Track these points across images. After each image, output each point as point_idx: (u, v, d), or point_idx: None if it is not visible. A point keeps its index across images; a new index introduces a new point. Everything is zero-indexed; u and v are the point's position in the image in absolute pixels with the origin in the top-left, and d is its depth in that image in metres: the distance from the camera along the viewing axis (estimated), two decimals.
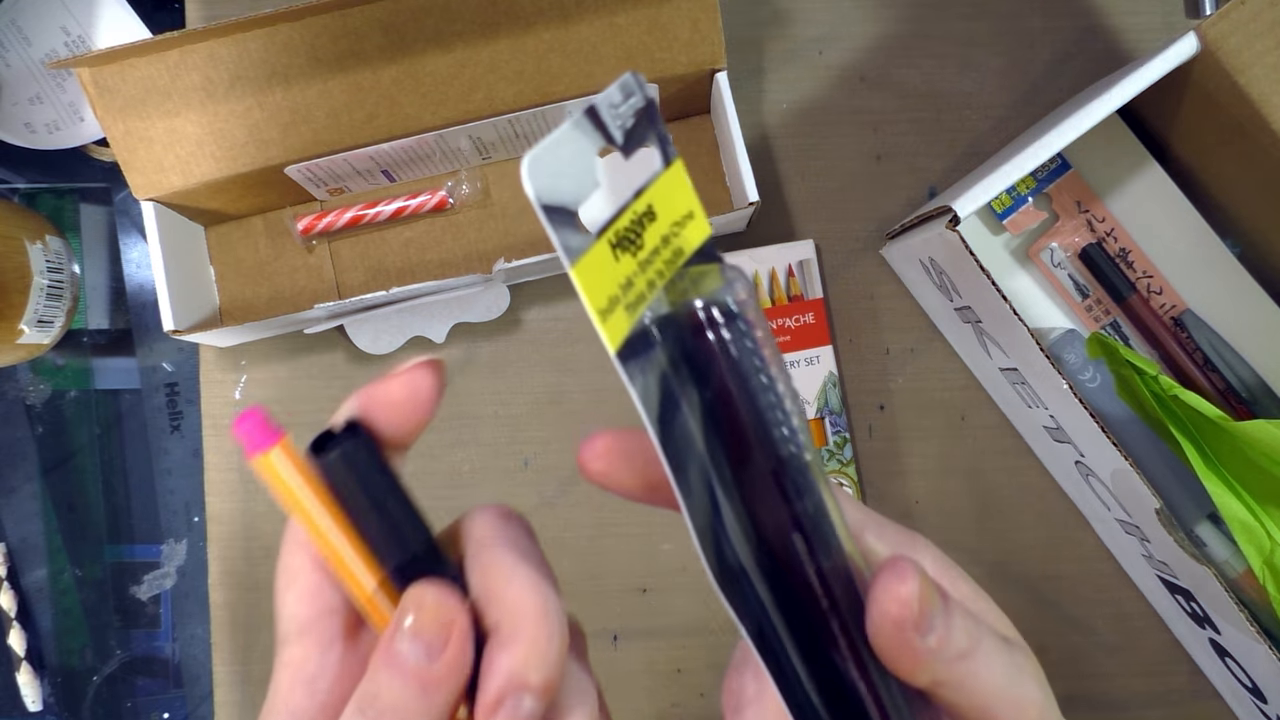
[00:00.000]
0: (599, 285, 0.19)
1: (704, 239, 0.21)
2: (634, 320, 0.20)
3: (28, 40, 0.50)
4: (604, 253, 0.20)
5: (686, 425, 0.20)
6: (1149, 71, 0.38)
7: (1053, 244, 0.49)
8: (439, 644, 0.20)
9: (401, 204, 0.49)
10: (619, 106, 0.21)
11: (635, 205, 0.21)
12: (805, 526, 0.21)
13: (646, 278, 0.20)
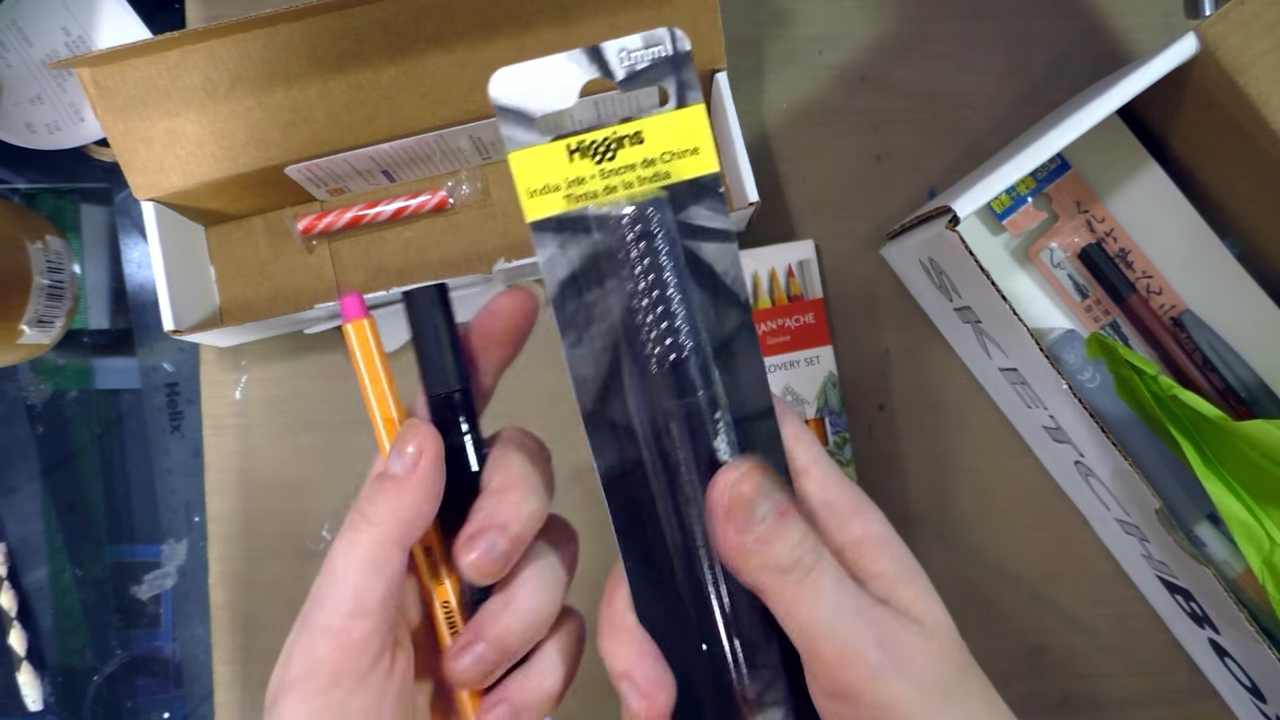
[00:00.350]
0: (537, 173, 0.25)
1: (703, 173, 0.26)
2: (572, 207, 0.25)
3: (28, 40, 0.50)
4: (556, 152, 0.25)
5: (607, 299, 0.26)
6: (1149, 71, 0.38)
7: (1052, 244, 0.49)
8: (413, 460, 0.25)
9: (401, 204, 0.49)
10: (634, 51, 0.26)
11: (620, 128, 0.25)
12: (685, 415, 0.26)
13: (608, 183, 0.26)
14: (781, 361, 0.48)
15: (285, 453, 0.50)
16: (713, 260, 0.27)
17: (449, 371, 0.27)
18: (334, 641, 0.24)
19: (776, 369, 0.48)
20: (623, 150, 0.26)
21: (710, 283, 0.27)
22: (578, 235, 0.26)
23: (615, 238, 0.26)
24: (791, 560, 0.25)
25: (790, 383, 0.49)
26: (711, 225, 0.26)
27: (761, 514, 0.25)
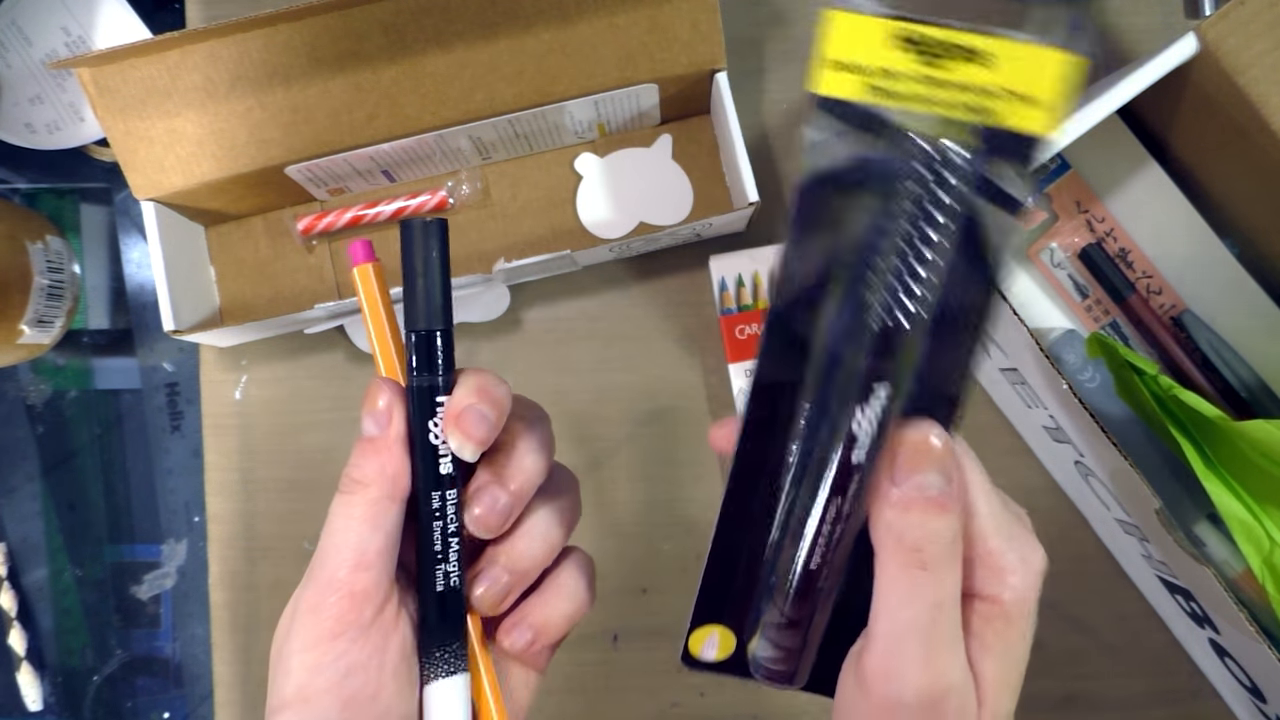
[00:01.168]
0: (850, 44, 0.21)
1: (1028, 128, 0.21)
2: (871, 98, 0.22)
3: (28, 40, 0.50)
4: (882, 29, 0.21)
5: (856, 217, 0.23)
6: (1149, 72, 0.38)
7: (1052, 244, 0.49)
8: (385, 418, 0.27)
9: (401, 204, 0.49)
10: None
11: (972, 39, 0.21)
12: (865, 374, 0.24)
13: (923, 91, 0.21)
14: None
15: (285, 453, 0.50)
16: (990, 229, 0.23)
17: (436, 308, 0.27)
18: (338, 593, 0.25)
19: None
20: (959, 65, 0.21)
21: (973, 249, 0.23)
22: (860, 133, 0.22)
23: (902, 163, 0.22)
24: (914, 543, 0.24)
25: None
26: (1008, 190, 0.23)
27: (921, 481, 0.24)
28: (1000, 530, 0.25)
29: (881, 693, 0.24)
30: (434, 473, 0.27)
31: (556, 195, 0.50)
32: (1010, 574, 0.25)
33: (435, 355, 0.27)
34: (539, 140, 0.48)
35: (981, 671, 0.25)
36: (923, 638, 0.24)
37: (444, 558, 0.27)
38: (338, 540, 0.26)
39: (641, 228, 0.49)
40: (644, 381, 0.50)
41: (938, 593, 0.24)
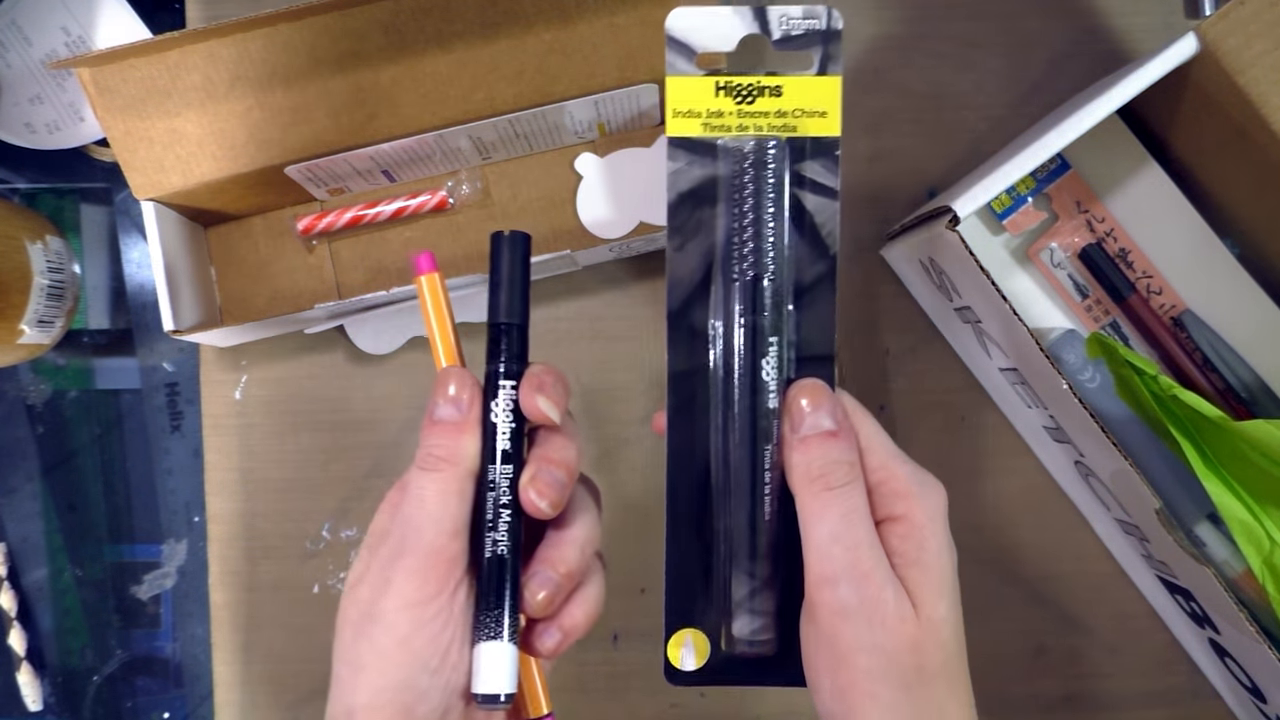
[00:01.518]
0: (686, 98, 0.30)
1: (826, 134, 0.30)
2: (706, 132, 0.30)
3: (28, 40, 0.50)
4: (706, 85, 0.30)
5: (713, 220, 0.30)
6: (1149, 72, 0.38)
7: (1052, 244, 0.49)
8: (462, 403, 0.29)
9: (401, 204, 0.49)
10: (792, 17, 0.30)
11: (764, 79, 0.30)
12: (752, 329, 0.30)
13: (741, 121, 0.30)
14: None
15: (285, 453, 0.50)
16: (814, 211, 0.31)
17: (516, 306, 0.30)
18: (439, 557, 0.28)
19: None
20: (762, 98, 0.30)
21: (808, 231, 0.30)
22: (704, 158, 0.30)
23: (734, 167, 0.30)
24: (819, 471, 0.29)
25: None
26: (821, 180, 0.30)
27: (813, 422, 0.29)
28: (900, 461, 0.30)
29: (826, 605, 0.28)
30: (492, 448, 0.30)
31: (556, 195, 0.50)
32: (916, 496, 0.29)
33: (508, 345, 0.30)
34: (539, 140, 0.48)
35: (908, 580, 0.28)
36: (844, 543, 0.28)
37: (494, 527, 0.29)
38: (433, 511, 0.28)
39: (641, 228, 0.49)
40: (644, 382, 0.50)
41: (846, 503, 0.28)
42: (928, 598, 0.28)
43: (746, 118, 0.30)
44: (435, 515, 0.28)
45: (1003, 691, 0.49)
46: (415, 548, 0.28)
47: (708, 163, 0.30)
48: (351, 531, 0.50)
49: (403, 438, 0.50)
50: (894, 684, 0.27)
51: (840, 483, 0.28)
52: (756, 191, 0.30)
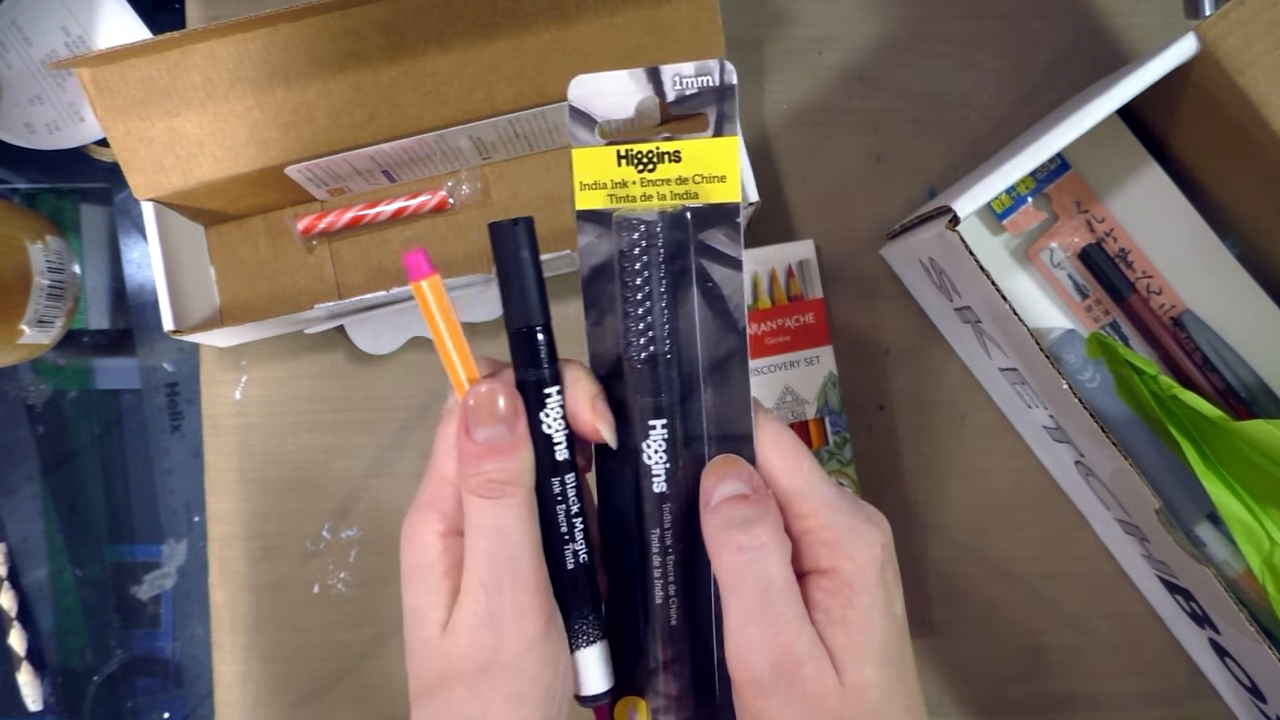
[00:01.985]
0: (591, 169, 0.29)
1: (725, 200, 0.28)
2: (611, 204, 0.29)
3: (28, 40, 0.50)
4: (608, 155, 0.29)
5: (611, 289, 0.29)
6: (1149, 72, 0.38)
7: (1052, 244, 0.49)
8: (513, 421, 0.27)
9: (402, 204, 0.49)
10: (687, 78, 0.28)
11: (664, 145, 0.28)
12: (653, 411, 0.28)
13: (644, 190, 0.29)
14: (781, 361, 0.48)
15: (285, 453, 0.50)
16: (721, 283, 0.29)
17: (535, 305, 0.28)
18: (539, 586, 0.27)
19: (776, 369, 0.48)
20: (662, 165, 0.28)
21: (716, 303, 0.29)
22: (610, 232, 0.29)
23: (623, 242, 0.28)
24: (727, 537, 0.27)
25: (790, 383, 0.49)
26: (724, 250, 0.29)
27: (724, 490, 0.27)
28: (832, 509, 0.27)
29: (743, 679, 0.26)
30: (551, 460, 0.28)
31: (556, 195, 0.50)
32: (846, 547, 0.27)
33: (539, 350, 0.28)
34: (539, 140, 0.48)
35: (832, 642, 0.26)
36: (758, 614, 0.26)
37: (570, 538, 0.28)
38: (519, 541, 0.26)
39: None
40: None
41: (762, 572, 0.26)
42: (851, 661, 0.26)
43: (650, 186, 0.29)
44: (524, 544, 0.26)
45: (1003, 691, 0.49)
46: (516, 584, 0.26)
47: (611, 235, 0.29)
48: (352, 531, 0.50)
49: (403, 438, 0.50)
50: None
51: (755, 548, 0.26)
52: (646, 265, 0.28)
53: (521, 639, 0.26)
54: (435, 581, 0.27)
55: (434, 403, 0.50)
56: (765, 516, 0.27)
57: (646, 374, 0.28)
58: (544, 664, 0.26)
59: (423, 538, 0.28)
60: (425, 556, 0.28)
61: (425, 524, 0.28)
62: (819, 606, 0.27)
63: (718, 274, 0.29)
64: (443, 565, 0.27)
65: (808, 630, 0.26)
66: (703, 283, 0.29)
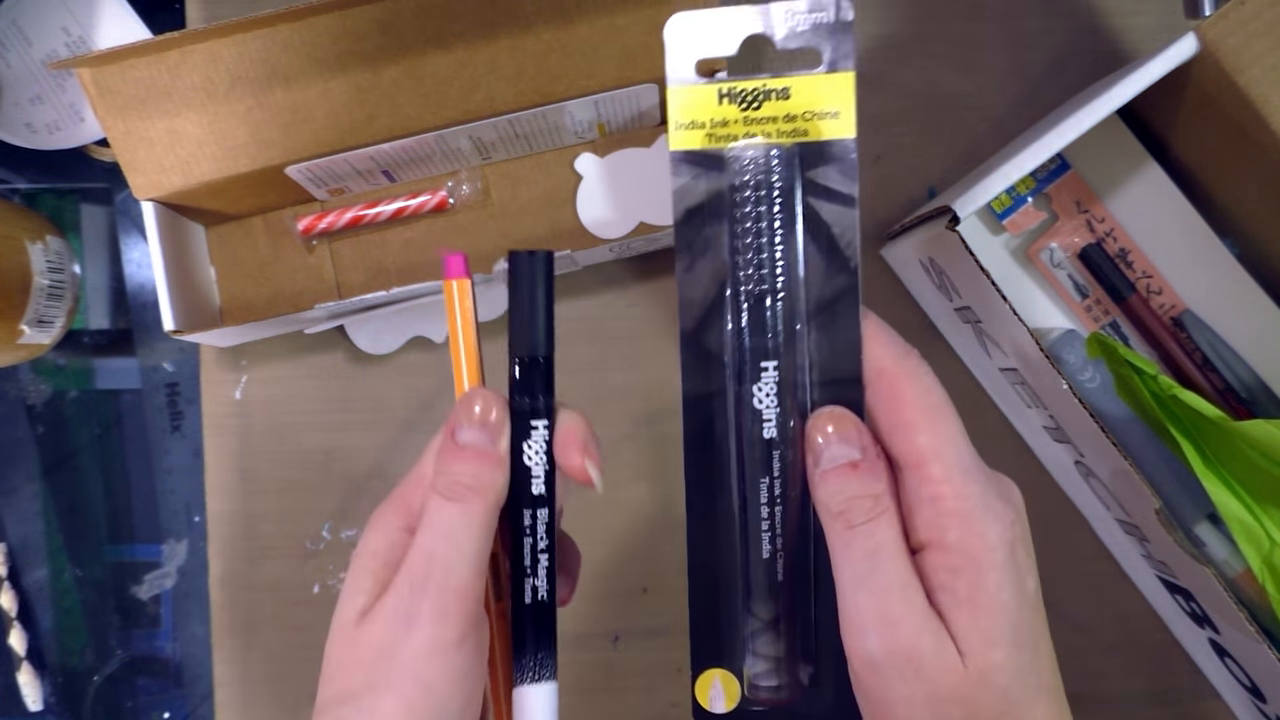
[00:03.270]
0: (689, 109, 0.28)
1: (840, 136, 0.28)
2: (711, 144, 0.28)
3: (28, 41, 0.50)
4: (708, 93, 0.28)
5: (721, 235, 0.28)
6: (1149, 72, 0.38)
7: (1052, 244, 0.49)
8: (498, 430, 0.27)
9: (402, 204, 0.49)
10: (798, 12, 0.28)
11: (772, 82, 0.28)
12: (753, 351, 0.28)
13: (749, 130, 0.28)
14: None
15: (285, 453, 0.50)
16: (831, 221, 0.28)
17: (542, 336, 0.28)
18: (466, 598, 0.26)
19: None
20: (769, 103, 0.28)
21: (825, 241, 0.28)
22: (710, 171, 0.28)
23: (737, 178, 0.28)
24: (839, 507, 0.26)
25: None
26: (837, 188, 0.28)
27: (832, 454, 0.26)
28: (969, 477, 0.25)
29: (856, 655, 0.25)
30: (527, 492, 0.28)
31: (556, 195, 0.50)
32: (977, 522, 0.25)
33: (536, 382, 0.28)
34: (539, 140, 0.48)
35: (957, 623, 0.25)
36: (869, 588, 0.25)
37: (533, 572, 0.28)
38: (462, 547, 0.26)
39: (641, 228, 0.49)
40: (644, 382, 0.50)
41: (869, 543, 0.25)
42: (977, 644, 0.24)
43: (754, 125, 0.28)
44: (466, 552, 0.26)
45: None
46: (444, 586, 0.25)
47: (714, 176, 0.28)
48: (352, 532, 0.50)
49: (403, 438, 0.50)
50: None
51: (861, 519, 0.25)
52: (759, 202, 0.27)
53: (428, 641, 0.25)
54: (374, 570, 0.27)
55: (434, 403, 0.50)
56: (875, 486, 0.26)
57: (758, 313, 0.28)
58: (445, 676, 0.25)
59: (379, 528, 0.28)
60: (373, 545, 0.27)
61: (386, 516, 0.28)
62: (943, 586, 0.25)
63: (828, 212, 0.28)
64: (386, 556, 0.27)
65: (920, 603, 0.25)
66: (811, 222, 0.28)
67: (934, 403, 0.26)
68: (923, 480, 0.26)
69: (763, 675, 0.28)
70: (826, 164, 0.28)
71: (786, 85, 0.28)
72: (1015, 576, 0.25)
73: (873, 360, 0.27)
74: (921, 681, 0.24)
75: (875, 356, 0.27)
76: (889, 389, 0.27)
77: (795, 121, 0.28)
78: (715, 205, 0.28)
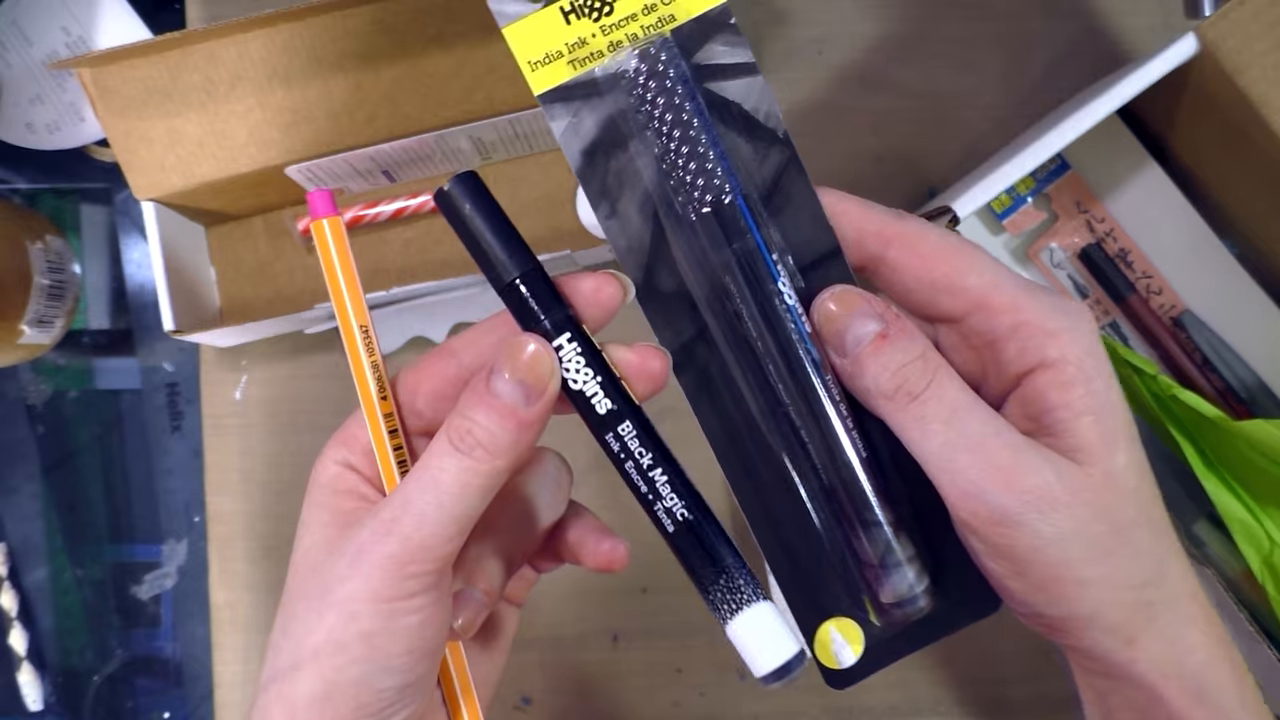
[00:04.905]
0: (535, 44, 0.24)
1: (709, 6, 0.24)
2: (580, 72, 0.24)
3: (29, 40, 0.50)
4: (551, 16, 0.24)
5: (634, 162, 0.25)
6: (1148, 72, 0.38)
7: (1052, 244, 0.49)
8: (538, 391, 0.23)
9: (402, 204, 0.49)
10: None
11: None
12: (739, 262, 0.24)
13: (610, 39, 0.24)
14: None
15: (285, 453, 0.50)
16: (740, 98, 0.25)
17: (515, 252, 0.24)
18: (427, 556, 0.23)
19: None
20: (620, 1, 0.24)
21: (742, 123, 0.25)
22: (590, 100, 0.25)
23: (629, 94, 0.24)
24: (891, 386, 0.24)
25: None
26: (731, 61, 0.25)
27: (854, 335, 0.24)
28: (1034, 294, 0.24)
29: (980, 518, 0.23)
30: (594, 415, 0.24)
31: (556, 195, 0.50)
32: (1067, 331, 0.24)
33: (538, 299, 0.24)
34: (539, 140, 0.48)
35: (1083, 434, 0.23)
36: (965, 447, 0.23)
37: (655, 494, 0.24)
38: (445, 506, 0.23)
39: None
40: None
41: (942, 404, 0.24)
42: (1102, 449, 0.23)
43: (615, 31, 0.24)
44: (448, 511, 0.23)
45: (1008, 692, 0.49)
46: (408, 535, 0.23)
47: (596, 103, 0.24)
48: None
49: None
50: (1096, 559, 0.23)
51: (922, 384, 0.23)
52: (670, 109, 0.24)
53: (368, 587, 0.23)
54: (326, 500, 0.25)
55: None
56: (916, 346, 0.24)
57: (730, 214, 0.24)
58: (386, 625, 0.23)
59: (323, 464, 0.26)
60: (321, 477, 0.26)
61: (329, 453, 0.27)
62: (1057, 404, 0.23)
63: (733, 89, 0.24)
64: (335, 486, 0.26)
65: (1021, 439, 0.23)
66: (718, 108, 0.25)
67: (959, 244, 0.25)
68: (994, 316, 0.24)
69: (916, 581, 0.25)
70: (709, 41, 0.24)
71: None
72: (1111, 375, 0.24)
73: (871, 230, 0.25)
74: (1061, 514, 0.23)
75: (871, 229, 0.25)
76: (906, 253, 0.25)
77: (657, 10, 0.24)
78: (611, 135, 0.25)
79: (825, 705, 0.49)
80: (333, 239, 0.26)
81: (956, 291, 0.24)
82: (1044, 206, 0.49)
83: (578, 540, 0.30)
